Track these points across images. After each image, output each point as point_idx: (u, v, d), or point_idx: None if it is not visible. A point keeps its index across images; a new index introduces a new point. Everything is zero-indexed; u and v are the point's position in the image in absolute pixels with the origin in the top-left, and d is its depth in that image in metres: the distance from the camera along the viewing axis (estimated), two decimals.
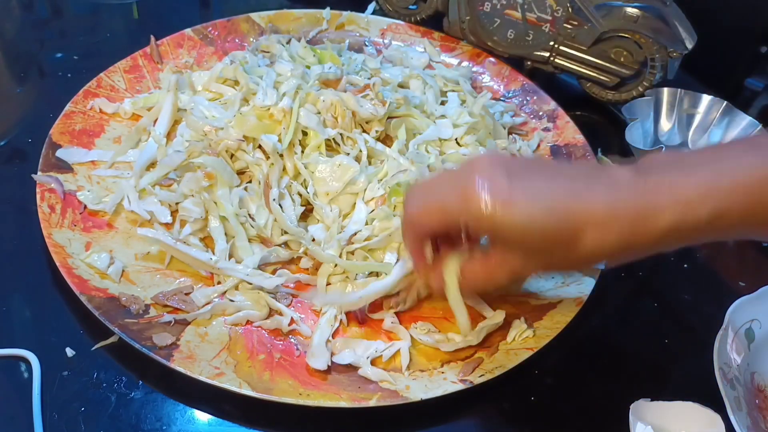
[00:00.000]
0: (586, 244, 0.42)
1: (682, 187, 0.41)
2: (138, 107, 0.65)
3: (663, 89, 0.73)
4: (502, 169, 0.42)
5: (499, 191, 0.41)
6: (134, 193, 0.57)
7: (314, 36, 0.77)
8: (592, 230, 0.41)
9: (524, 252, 0.44)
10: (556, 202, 0.41)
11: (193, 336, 0.50)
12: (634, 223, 0.41)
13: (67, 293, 0.51)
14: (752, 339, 0.53)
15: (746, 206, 0.40)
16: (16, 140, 0.65)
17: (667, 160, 0.43)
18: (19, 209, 0.58)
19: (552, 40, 0.75)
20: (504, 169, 0.42)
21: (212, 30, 0.74)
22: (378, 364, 0.50)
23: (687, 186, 0.41)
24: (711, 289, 0.62)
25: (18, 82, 0.73)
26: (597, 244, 0.42)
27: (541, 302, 0.56)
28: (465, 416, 0.50)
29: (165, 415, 0.47)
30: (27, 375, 0.48)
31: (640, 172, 0.42)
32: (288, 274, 0.55)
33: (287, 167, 0.59)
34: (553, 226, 0.41)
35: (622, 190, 0.42)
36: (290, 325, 0.52)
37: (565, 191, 0.42)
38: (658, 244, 0.42)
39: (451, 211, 0.43)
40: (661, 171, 0.42)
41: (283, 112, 0.60)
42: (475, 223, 0.43)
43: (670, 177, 0.41)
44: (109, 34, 0.79)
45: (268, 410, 0.47)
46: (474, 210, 0.42)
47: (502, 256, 0.45)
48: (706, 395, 0.48)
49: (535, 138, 0.70)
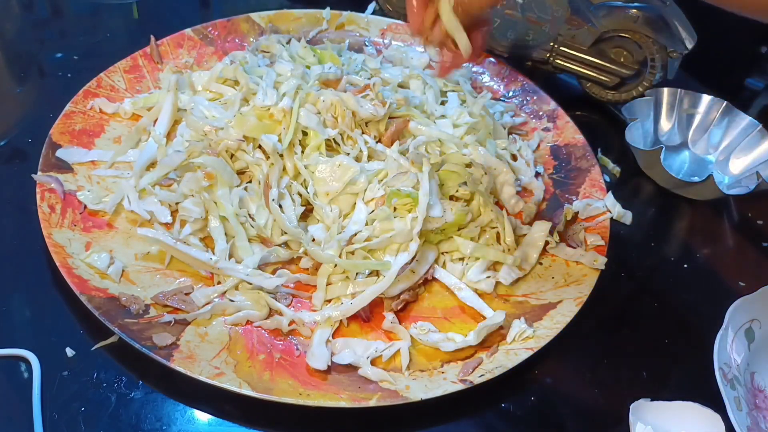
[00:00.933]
0: None
1: None
2: (138, 107, 0.65)
3: (663, 89, 0.73)
4: None
5: None
6: (134, 193, 0.57)
7: (314, 36, 0.77)
8: None
9: None
10: None
11: (193, 336, 0.50)
12: None
13: (67, 293, 0.51)
14: (752, 339, 0.53)
15: None
16: (16, 140, 0.65)
17: None
18: (19, 209, 0.58)
19: (552, 40, 0.75)
20: None
21: (212, 30, 0.74)
22: (378, 364, 0.50)
23: None
24: (711, 289, 0.62)
25: (18, 82, 0.73)
26: None
27: (541, 302, 0.56)
28: (465, 416, 0.50)
29: (165, 415, 0.47)
30: (27, 375, 0.48)
31: None
32: (288, 274, 0.55)
33: (287, 167, 0.59)
34: None
35: None
36: (290, 325, 0.52)
37: None
38: None
39: None
40: None
41: (283, 112, 0.60)
42: None
43: None
44: (109, 34, 0.79)
45: (268, 410, 0.47)
46: None
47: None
48: (706, 395, 0.48)
49: (535, 138, 0.70)
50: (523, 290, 0.57)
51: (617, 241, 0.61)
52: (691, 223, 0.68)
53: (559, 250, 0.60)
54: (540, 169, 0.67)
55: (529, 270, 0.58)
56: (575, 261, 0.58)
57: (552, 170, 0.68)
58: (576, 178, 0.66)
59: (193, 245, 0.55)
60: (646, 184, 0.70)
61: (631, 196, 0.67)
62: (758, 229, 0.68)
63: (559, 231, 0.61)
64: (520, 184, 0.65)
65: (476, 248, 0.57)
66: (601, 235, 0.60)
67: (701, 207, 0.68)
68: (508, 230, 0.58)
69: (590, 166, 0.67)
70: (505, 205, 0.63)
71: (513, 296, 0.57)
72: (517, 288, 0.57)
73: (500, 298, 0.56)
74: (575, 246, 0.60)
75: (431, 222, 0.56)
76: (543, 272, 0.58)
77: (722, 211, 0.69)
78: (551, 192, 0.66)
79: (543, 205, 0.65)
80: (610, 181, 0.69)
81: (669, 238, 0.66)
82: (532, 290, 0.57)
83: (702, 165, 0.73)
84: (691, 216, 0.68)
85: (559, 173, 0.67)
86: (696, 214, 0.68)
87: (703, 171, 0.72)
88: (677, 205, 0.68)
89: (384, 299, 0.54)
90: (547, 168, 0.68)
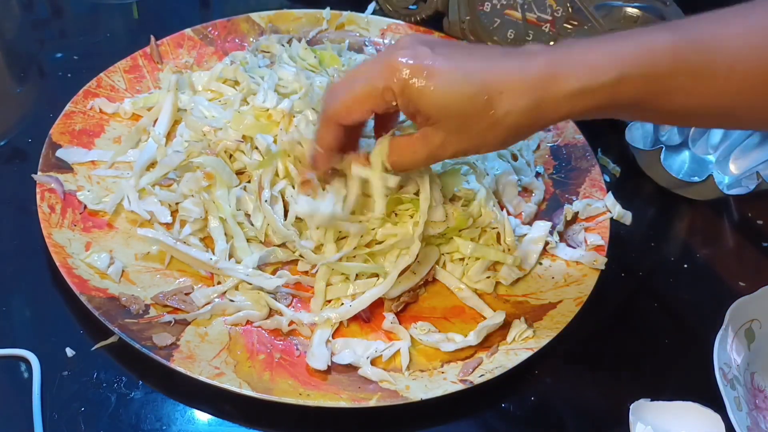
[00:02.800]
0: (499, 110, 0.44)
1: (589, 53, 0.43)
2: (138, 107, 0.65)
3: None
4: (423, 44, 0.45)
5: (423, 58, 0.44)
6: (134, 193, 0.57)
7: (314, 36, 0.77)
8: (506, 95, 0.43)
9: (444, 124, 0.46)
10: (474, 69, 0.44)
11: (193, 336, 0.50)
12: (544, 86, 0.43)
13: (67, 293, 0.51)
14: (752, 339, 0.53)
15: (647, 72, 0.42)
16: (16, 140, 0.65)
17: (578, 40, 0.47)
18: (19, 209, 0.58)
19: (552, 40, 0.75)
20: (425, 44, 0.45)
21: (212, 30, 0.74)
22: (378, 364, 0.50)
23: (595, 52, 0.43)
24: (711, 289, 0.62)
25: (18, 82, 0.73)
26: (510, 109, 0.44)
27: (541, 302, 0.56)
28: (465, 416, 0.50)
29: (165, 415, 0.47)
30: (27, 375, 0.48)
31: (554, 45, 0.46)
32: (288, 275, 0.55)
33: (279, 170, 0.58)
34: (471, 91, 0.44)
35: (534, 59, 0.44)
36: (290, 325, 0.52)
37: (483, 60, 0.45)
38: (565, 108, 0.44)
39: (377, 87, 0.45)
40: (572, 43, 0.45)
41: (282, 113, 0.60)
42: (400, 91, 0.45)
43: (579, 46, 0.44)
44: (109, 34, 0.79)
45: (268, 410, 0.47)
46: (399, 78, 0.44)
47: (424, 132, 0.47)
48: (706, 395, 0.48)
49: (535, 138, 0.70)
50: (523, 290, 0.57)
51: (617, 241, 0.61)
52: (691, 223, 0.68)
53: (559, 250, 0.60)
54: (540, 169, 0.67)
55: (529, 270, 0.58)
56: (575, 261, 0.58)
57: (552, 170, 0.68)
58: (576, 178, 0.66)
59: (193, 245, 0.55)
60: (646, 184, 0.70)
61: (631, 196, 0.67)
62: (758, 229, 0.68)
63: (559, 231, 0.61)
64: (520, 184, 0.65)
65: (476, 248, 0.57)
66: (601, 235, 0.60)
67: (701, 207, 0.68)
68: (508, 230, 0.58)
69: (590, 166, 0.67)
70: (507, 206, 0.63)
71: (513, 296, 0.56)
72: (517, 288, 0.57)
73: (500, 298, 0.56)
74: (575, 246, 0.60)
75: (434, 227, 0.55)
76: (543, 272, 0.58)
77: (722, 211, 0.69)
78: (551, 192, 0.66)
79: (543, 205, 0.65)
80: (610, 181, 0.69)
81: (669, 238, 0.66)
82: (532, 290, 0.57)
83: (702, 165, 0.73)
84: (691, 216, 0.68)
85: (559, 173, 0.67)
86: (696, 214, 0.68)
87: (703, 171, 0.72)
88: (677, 205, 0.68)
89: (384, 300, 0.54)
90: (547, 168, 0.68)
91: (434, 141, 0.47)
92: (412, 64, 0.44)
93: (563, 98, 0.43)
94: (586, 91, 0.43)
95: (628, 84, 0.42)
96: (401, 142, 0.49)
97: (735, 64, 0.41)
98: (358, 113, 0.48)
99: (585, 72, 0.43)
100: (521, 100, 0.43)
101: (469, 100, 0.44)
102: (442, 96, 0.44)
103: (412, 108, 0.46)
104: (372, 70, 0.46)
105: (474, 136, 0.46)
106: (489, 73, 0.44)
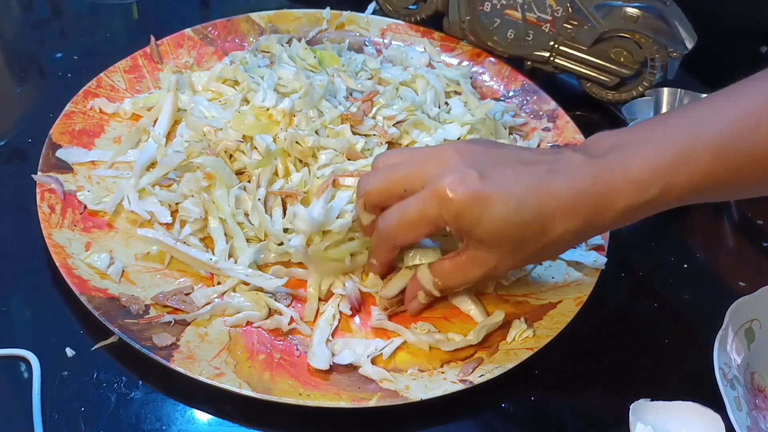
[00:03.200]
0: (554, 234, 0.45)
1: (632, 166, 0.44)
2: (138, 107, 0.65)
3: (663, 89, 0.73)
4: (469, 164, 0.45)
5: (472, 184, 0.44)
6: (134, 193, 0.57)
7: (314, 36, 0.77)
8: (559, 220, 0.45)
9: (498, 249, 0.46)
10: (525, 194, 0.44)
11: (193, 336, 0.50)
12: (596, 208, 0.45)
13: (67, 293, 0.51)
14: (752, 339, 0.53)
15: (691, 177, 0.44)
16: (16, 140, 0.65)
17: (613, 141, 0.46)
18: (19, 209, 0.58)
19: (552, 40, 0.75)
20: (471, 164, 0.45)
21: (212, 30, 0.74)
22: (378, 364, 0.50)
23: (636, 167, 0.44)
24: (711, 289, 0.62)
25: (18, 82, 0.73)
26: (564, 231, 0.45)
27: (541, 302, 0.56)
28: (465, 416, 0.50)
29: (165, 415, 0.47)
30: (27, 375, 0.48)
31: (592, 156, 0.46)
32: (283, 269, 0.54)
33: (278, 169, 0.58)
34: (525, 219, 0.44)
35: (580, 176, 0.45)
36: (290, 324, 0.52)
37: (532, 182, 0.45)
38: (616, 222, 0.46)
39: (430, 215, 0.46)
40: (610, 154, 0.46)
41: (282, 113, 0.60)
42: (453, 219, 0.45)
43: (618, 159, 0.45)
44: (109, 34, 0.79)
45: (268, 410, 0.47)
46: (450, 209, 0.44)
47: (475, 254, 0.47)
48: (706, 395, 0.48)
49: (535, 138, 0.70)
50: (523, 290, 0.57)
51: (617, 241, 0.61)
52: (691, 223, 0.68)
53: None
54: None
55: (529, 270, 0.58)
56: (575, 261, 0.58)
57: None
58: None
59: (193, 245, 0.55)
60: None
61: None
62: (758, 229, 0.68)
63: None
64: None
65: None
66: (601, 234, 0.60)
67: (701, 207, 0.68)
68: None
69: None
70: None
71: (513, 296, 0.56)
72: (517, 288, 0.57)
73: (500, 298, 0.56)
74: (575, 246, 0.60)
75: None
76: (543, 272, 0.58)
77: (722, 211, 0.69)
78: None
79: None
80: None
81: (669, 238, 0.66)
82: (532, 290, 0.57)
83: None
84: (691, 216, 0.68)
85: None
86: (696, 214, 0.68)
87: None
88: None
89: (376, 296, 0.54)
90: None
91: (489, 263, 0.47)
92: (462, 194, 0.44)
93: (613, 216, 0.45)
94: (635, 206, 0.45)
95: (674, 192, 0.44)
96: (447, 268, 0.49)
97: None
98: (412, 237, 0.49)
99: (631, 190, 0.44)
100: (573, 222, 0.45)
101: (523, 227, 0.45)
102: (497, 225, 0.44)
103: (465, 233, 0.46)
104: (423, 198, 0.46)
105: (529, 256, 0.47)
106: (540, 199, 0.44)
